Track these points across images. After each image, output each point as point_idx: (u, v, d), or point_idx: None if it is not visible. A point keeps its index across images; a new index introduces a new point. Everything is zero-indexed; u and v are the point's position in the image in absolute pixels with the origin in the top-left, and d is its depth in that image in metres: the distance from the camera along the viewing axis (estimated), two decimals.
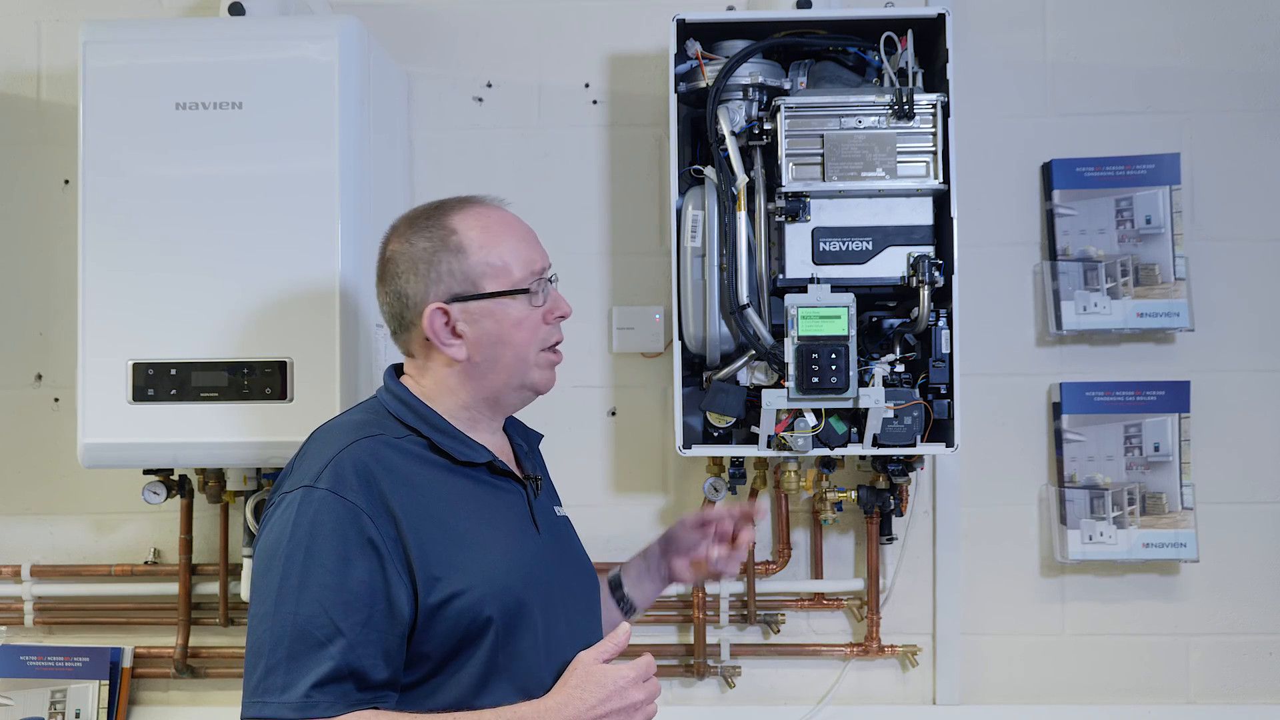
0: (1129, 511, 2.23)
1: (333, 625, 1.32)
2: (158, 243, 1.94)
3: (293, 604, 1.33)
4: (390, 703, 1.37)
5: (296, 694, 1.31)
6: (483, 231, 1.52)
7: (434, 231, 1.51)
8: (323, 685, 1.31)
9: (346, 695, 1.33)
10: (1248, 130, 2.29)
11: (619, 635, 1.45)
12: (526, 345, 1.52)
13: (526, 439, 1.68)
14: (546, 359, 1.55)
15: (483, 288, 1.50)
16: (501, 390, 1.53)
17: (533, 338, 1.52)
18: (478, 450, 1.50)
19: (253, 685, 1.34)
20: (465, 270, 1.50)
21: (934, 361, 2.00)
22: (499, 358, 1.51)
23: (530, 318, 1.52)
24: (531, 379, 1.54)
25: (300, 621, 1.33)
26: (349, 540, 1.35)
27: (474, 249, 1.50)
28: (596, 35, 2.34)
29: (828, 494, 2.18)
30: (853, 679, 2.30)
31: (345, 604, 1.33)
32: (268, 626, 1.34)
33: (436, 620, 1.38)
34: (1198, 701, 2.28)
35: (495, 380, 1.52)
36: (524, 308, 1.51)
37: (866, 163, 1.98)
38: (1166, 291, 2.23)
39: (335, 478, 1.38)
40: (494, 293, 1.50)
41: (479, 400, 1.53)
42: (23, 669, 2.28)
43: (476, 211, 1.54)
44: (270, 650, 1.33)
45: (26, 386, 2.35)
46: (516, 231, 1.55)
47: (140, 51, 1.96)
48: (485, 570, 1.41)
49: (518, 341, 1.51)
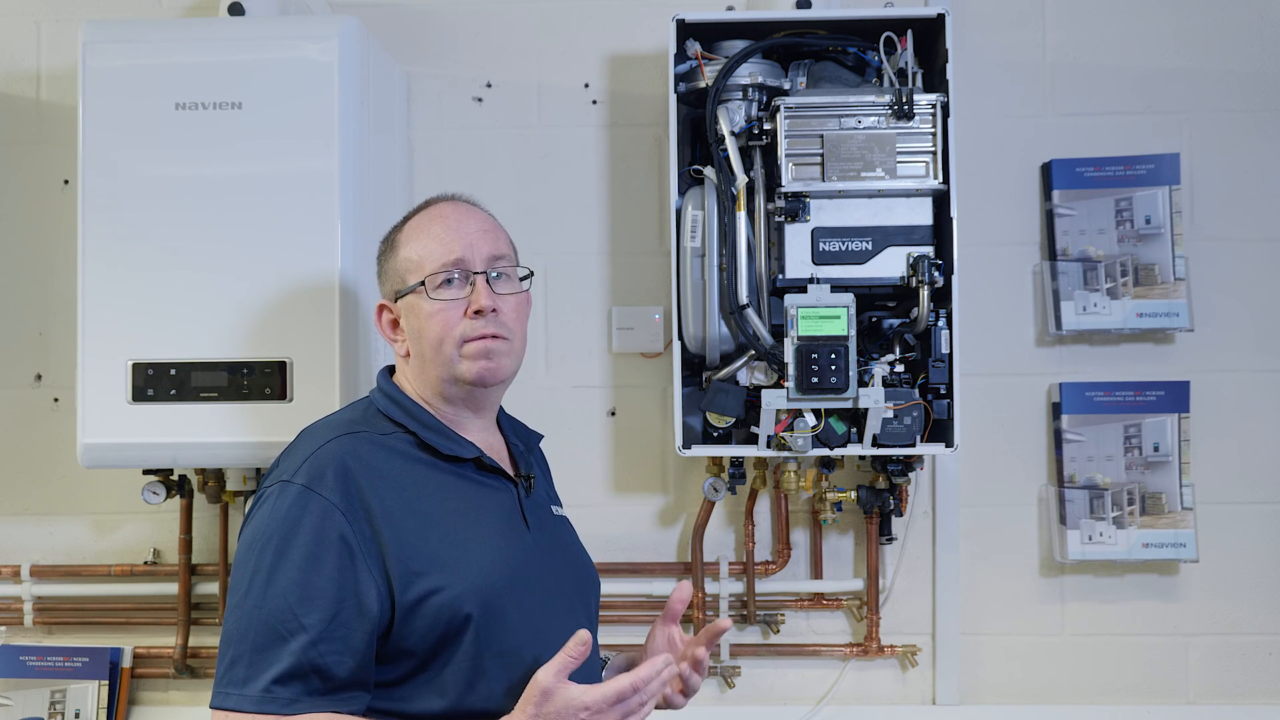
0: (1128, 512, 2.23)
1: (296, 620, 1.33)
2: (157, 243, 1.94)
3: (259, 597, 1.34)
4: (357, 704, 1.36)
5: (256, 688, 1.32)
6: (415, 228, 1.56)
7: (390, 232, 1.60)
8: (284, 681, 1.32)
9: (310, 693, 1.32)
10: (1248, 130, 2.29)
11: (574, 647, 1.33)
12: (440, 338, 1.49)
13: (525, 439, 1.67)
14: (471, 350, 1.49)
15: (407, 283, 1.53)
16: (440, 384, 1.52)
17: (446, 331, 1.49)
18: (464, 446, 1.50)
19: (220, 674, 1.35)
20: (395, 267, 1.55)
21: (934, 361, 2.00)
22: (423, 352, 1.52)
23: (443, 311, 1.49)
24: (457, 372, 1.50)
25: (265, 615, 1.33)
26: (320, 536, 1.36)
27: (402, 245, 1.55)
28: (596, 35, 2.34)
29: (827, 494, 2.18)
30: (852, 679, 2.30)
31: (310, 599, 1.34)
32: (236, 618, 1.35)
33: (415, 617, 1.37)
34: (1197, 702, 2.28)
35: (431, 374, 1.52)
36: (434, 301, 1.50)
37: (866, 163, 1.98)
38: (1166, 291, 2.23)
39: (311, 474, 1.39)
40: (412, 287, 1.52)
41: (433, 395, 1.53)
42: (22, 669, 2.27)
43: (429, 209, 1.58)
44: (236, 642, 1.34)
45: (26, 386, 2.35)
46: (446, 224, 1.54)
47: (140, 51, 1.96)
48: (466, 567, 1.41)
49: (430, 335, 1.50)
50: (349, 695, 1.35)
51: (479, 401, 1.55)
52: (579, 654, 1.34)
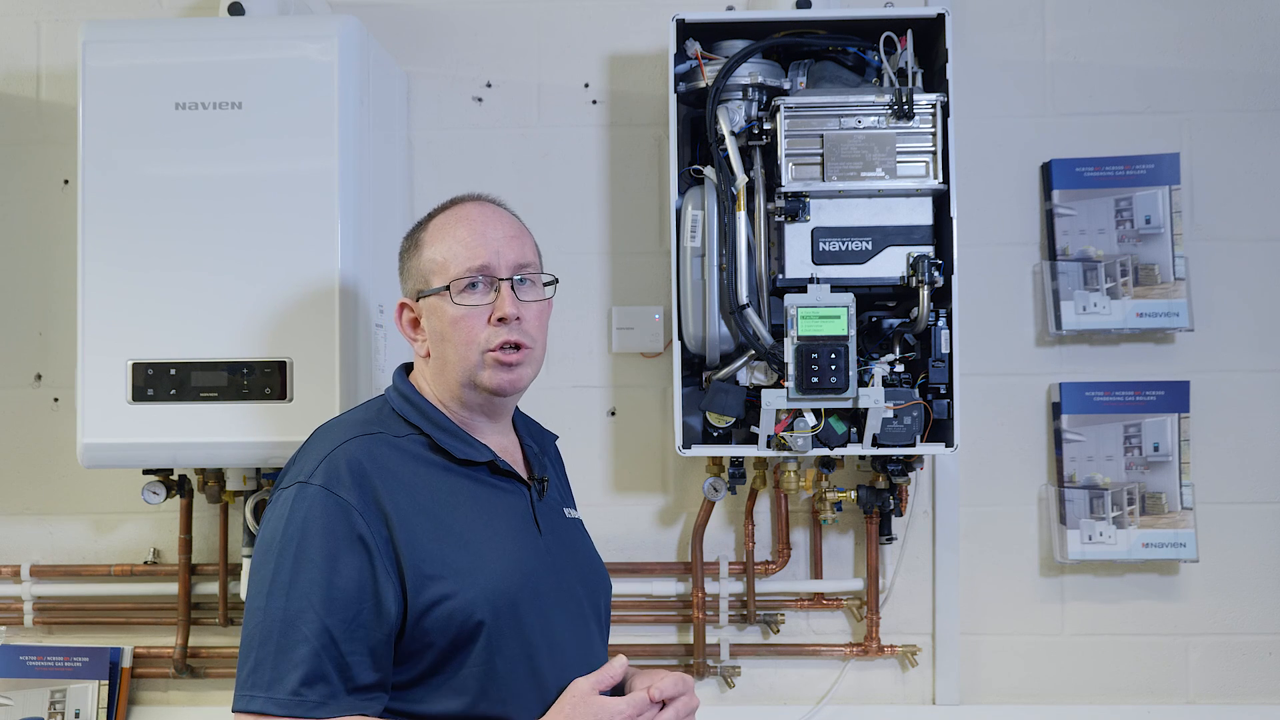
0: (1128, 511, 2.23)
1: (319, 622, 1.33)
2: (158, 242, 1.94)
3: (282, 599, 1.34)
4: (378, 705, 1.36)
5: (284, 690, 1.32)
6: (441, 229, 1.53)
7: (415, 229, 1.58)
8: (311, 682, 1.32)
9: (335, 695, 1.32)
10: (1248, 130, 2.29)
11: (614, 667, 1.44)
12: (465, 343, 1.49)
13: (539, 440, 1.66)
14: (493, 359, 1.48)
15: (431, 284, 1.51)
16: (459, 388, 1.51)
17: (471, 337, 1.48)
18: (479, 449, 1.50)
19: (243, 678, 1.35)
20: (419, 266, 1.53)
21: (933, 361, 2.00)
22: (445, 355, 1.51)
23: (468, 316, 1.48)
24: (477, 379, 1.49)
25: (288, 617, 1.33)
26: (339, 537, 1.36)
27: (426, 245, 1.54)
28: (596, 35, 2.34)
29: (827, 494, 2.18)
30: (852, 679, 2.30)
31: (332, 600, 1.34)
32: (258, 621, 1.35)
33: (426, 620, 1.37)
34: (1197, 701, 2.28)
35: (451, 377, 1.51)
36: (458, 306, 1.48)
37: (866, 163, 1.98)
38: (1166, 291, 2.23)
39: (328, 474, 1.39)
40: (436, 289, 1.51)
41: (450, 397, 1.53)
42: (22, 669, 2.27)
43: (455, 209, 1.56)
44: (259, 645, 1.34)
45: (26, 386, 2.35)
46: (472, 228, 1.52)
47: (140, 51, 1.96)
48: (478, 573, 1.41)
49: (456, 340, 1.49)
50: (371, 696, 1.36)
51: (496, 408, 1.55)
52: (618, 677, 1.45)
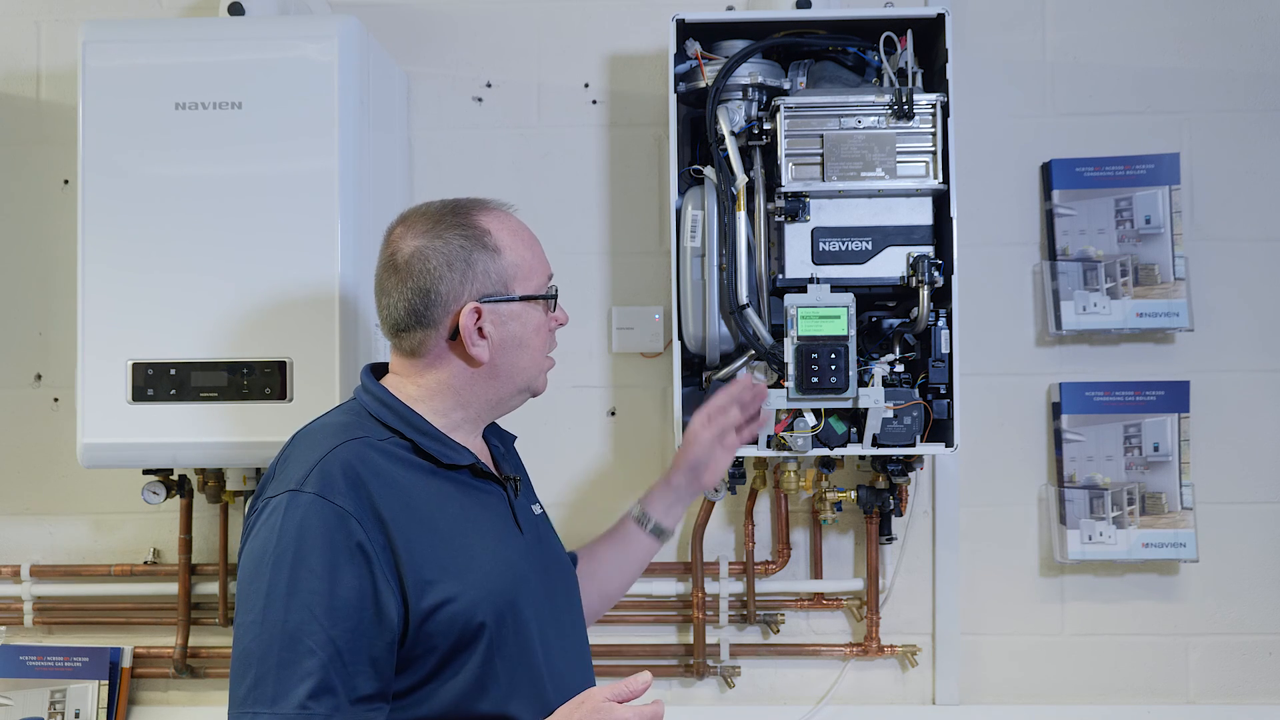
0: (1128, 511, 2.23)
1: (323, 633, 1.30)
2: (158, 243, 1.94)
3: (281, 611, 1.30)
4: (381, 715, 1.34)
5: (290, 704, 1.28)
6: (512, 235, 1.52)
7: (467, 230, 1.48)
8: (317, 696, 1.29)
9: (340, 708, 1.30)
10: (1248, 130, 2.29)
11: (636, 682, 1.35)
12: (541, 351, 1.55)
13: (502, 440, 1.67)
14: (548, 364, 1.59)
15: (513, 290, 1.50)
16: (509, 394, 1.54)
17: (545, 344, 1.56)
18: (461, 453, 1.49)
19: (241, 695, 1.31)
20: (500, 271, 1.49)
21: (933, 361, 2.00)
22: (517, 361, 1.52)
23: (545, 325, 1.55)
24: (538, 384, 1.58)
25: (289, 630, 1.30)
26: (337, 546, 1.33)
27: (507, 250, 1.50)
28: (596, 35, 2.34)
29: (827, 494, 2.18)
30: (852, 679, 2.30)
31: (334, 611, 1.31)
32: (255, 635, 1.31)
33: (429, 625, 1.36)
34: (1197, 701, 2.28)
35: (507, 384, 1.52)
36: (542, 314, 1.54)
37: (866, 163, 1.98)
38: (1166, 291, 2.24)
39: (322, 481, 1.35)
40: (524, 296, 1.51)
41: (484, 403, 1.52)
42: (22, 669, 2.28)
43: (500, 215, 1.54)
44: (260, 659, 1.30)
45: (26, 386, 2.35)
46: (534, 238, 1.57)
47: (140, 51, 1.96)
48: (476, 575, 1.40)
49: (535, 346, 1.53)
50: (374, 706, 1.34)
51: (508, 412, 1.59)
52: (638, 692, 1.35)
